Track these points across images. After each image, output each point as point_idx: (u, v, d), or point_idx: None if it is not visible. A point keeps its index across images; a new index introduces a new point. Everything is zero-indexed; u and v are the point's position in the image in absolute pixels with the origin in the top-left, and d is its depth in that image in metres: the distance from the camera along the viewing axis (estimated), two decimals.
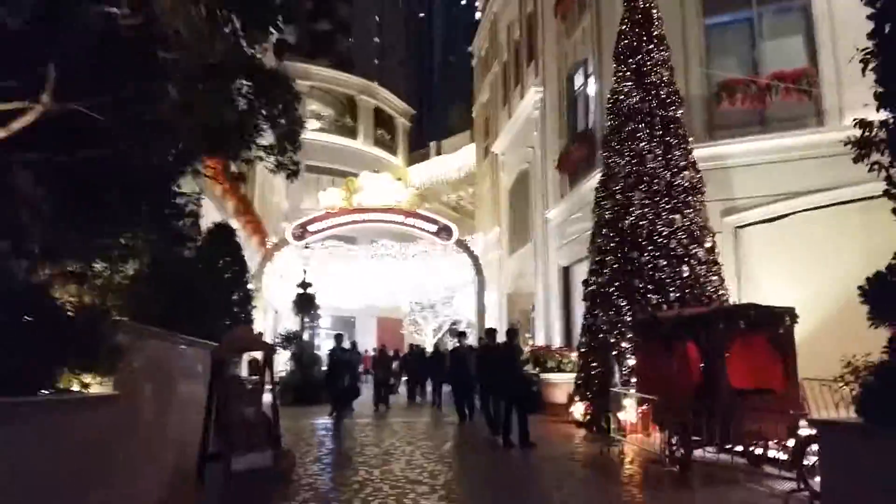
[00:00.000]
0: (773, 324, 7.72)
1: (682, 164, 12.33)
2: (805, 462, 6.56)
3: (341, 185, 26.17)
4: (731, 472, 7.61)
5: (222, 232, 12.59)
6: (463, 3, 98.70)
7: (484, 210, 31.37)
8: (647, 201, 12.02)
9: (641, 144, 12.34)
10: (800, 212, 13.32)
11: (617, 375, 10.38)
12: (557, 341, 18.55)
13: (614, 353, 10.65)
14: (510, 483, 8.03)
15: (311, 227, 25.32)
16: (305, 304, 18.83)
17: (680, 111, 12.76)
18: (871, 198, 13.07)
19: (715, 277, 11.90)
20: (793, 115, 13.74)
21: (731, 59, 14.63)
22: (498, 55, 28.48)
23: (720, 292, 11.85)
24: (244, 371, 12.09)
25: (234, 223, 19.72)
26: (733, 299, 12.30)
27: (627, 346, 11.10)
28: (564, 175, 18.82)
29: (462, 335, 15.92)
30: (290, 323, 26.53)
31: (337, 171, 36.42)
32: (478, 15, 34.89)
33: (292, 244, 25.07)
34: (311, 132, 38.90)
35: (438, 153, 42.05)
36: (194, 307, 8.53)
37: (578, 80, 19.04)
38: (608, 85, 15.00)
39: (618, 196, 12.36)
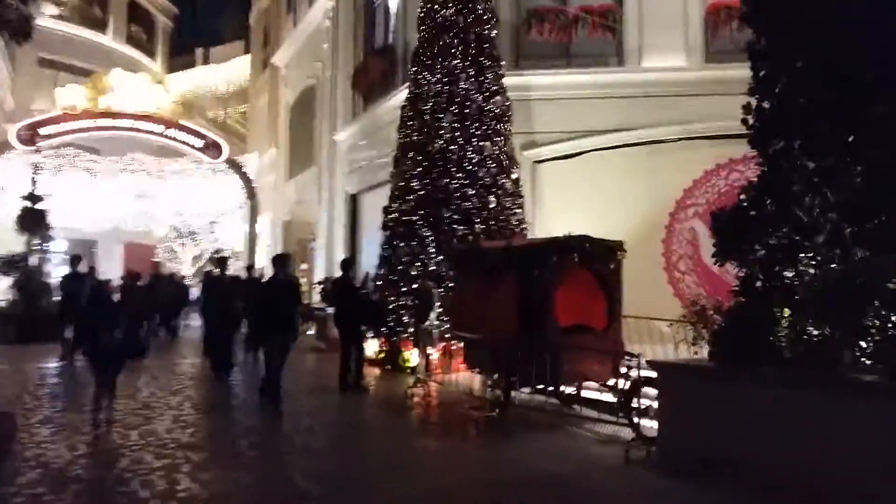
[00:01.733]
0: (604, 258, 7.23)
1: (494, 88, 11.56)
2: (635, 405, 6.17)
3: (86, 84, 21.76)
4: (552, 416, 7.10)
5: None
6: None
7: (259, 129, 28.58)
8: (457, 125, 11.08)
9: (454, 62, 11.30)
10: (594, 150, 13.38)
11: (434, 311, 9.41)
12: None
13: (429, 286, 9.63)
14: (315, 438, 6.66)
15: (43, 131, 20.89)
16: (33, 220, 15.24)
17: (494, 32, 11.91)
18: (659, 142, 13.68)
19: (519, 210, 11.46)
20: (596, 52, 13.64)
21: None
22: None
23: (523, 226, 11.44)
24: None
25: None
26: (531, 234, 12.03)
27: (432, 280, 10.18)
28: (358, 95, 17.26)
29: (223, 262, 12.90)
30: (14, 244, 22.09)
31: (79, 69, 30.62)
32: None
33: (18, 149, 20.45)
34: (48, 19, 32.33)
35: (206, 62, 37.55)
36: None
37: None
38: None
39: (426, 116, 11.25)
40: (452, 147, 10.95)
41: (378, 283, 11.00)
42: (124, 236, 32.05)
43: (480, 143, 11.06)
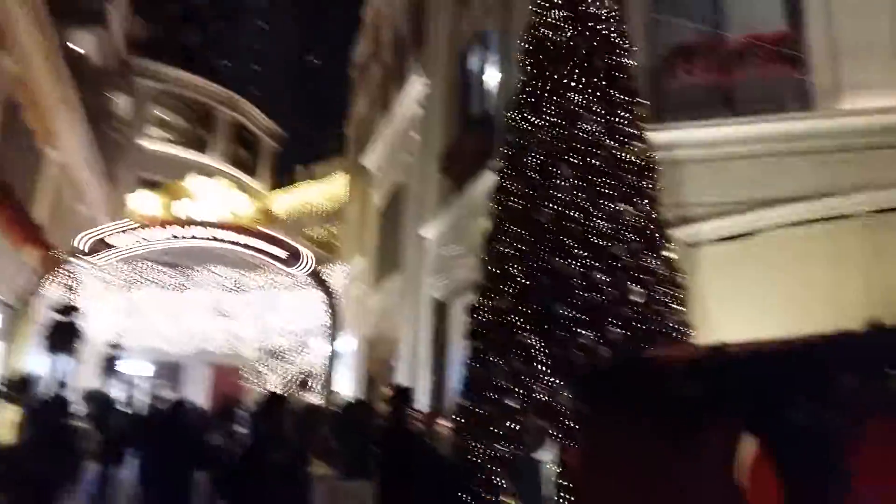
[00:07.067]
0: None
1: (632, 132, 7.88)
2: None
3: (160, 191, 20.17)
4: None
5: None
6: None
7: (350, 238, 26.18)
8: (580, 182, 7.40)
9: (574, 97, 7.80)
10: (778, 227, 9.30)
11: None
12: (425, 403, 13.40)
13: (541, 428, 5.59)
14: None
15: (113, 241, 19.08)
16: (62, 337, 12.60)
17: (630, 60, 8.41)
18: (882, 210, 9.39)
19: (680, 307, 7.37)
20: (769, 94, 9.85)
21: (682, 19, 10.64)
22: (379, 58, 23.96)
23: (686, 330, 7.30)
24: None
25: None
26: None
27: (545, 419, 6.15)
28: (450, 181, 14.14)
29: None
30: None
31: None
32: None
33: (82, 260, 18.67)
34: (151, 140, 32.64)
35: (310, 179, 36.64)
36: None
37: (474, 61, 14.65)
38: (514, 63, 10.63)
39: (533, 173, 7.66)
40: (572, 212, 7.21)
41: (458, 421, 7.06)
42: (211, 358, 30.01)
43: (615, 207, 7.27)
